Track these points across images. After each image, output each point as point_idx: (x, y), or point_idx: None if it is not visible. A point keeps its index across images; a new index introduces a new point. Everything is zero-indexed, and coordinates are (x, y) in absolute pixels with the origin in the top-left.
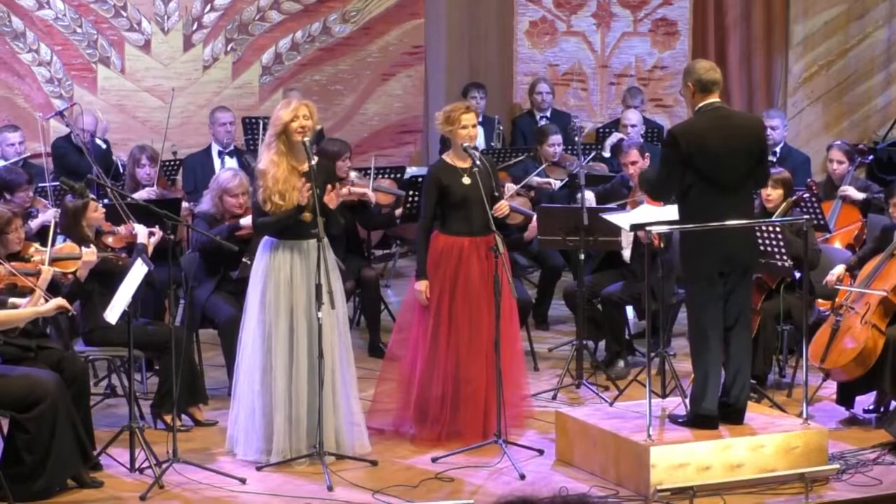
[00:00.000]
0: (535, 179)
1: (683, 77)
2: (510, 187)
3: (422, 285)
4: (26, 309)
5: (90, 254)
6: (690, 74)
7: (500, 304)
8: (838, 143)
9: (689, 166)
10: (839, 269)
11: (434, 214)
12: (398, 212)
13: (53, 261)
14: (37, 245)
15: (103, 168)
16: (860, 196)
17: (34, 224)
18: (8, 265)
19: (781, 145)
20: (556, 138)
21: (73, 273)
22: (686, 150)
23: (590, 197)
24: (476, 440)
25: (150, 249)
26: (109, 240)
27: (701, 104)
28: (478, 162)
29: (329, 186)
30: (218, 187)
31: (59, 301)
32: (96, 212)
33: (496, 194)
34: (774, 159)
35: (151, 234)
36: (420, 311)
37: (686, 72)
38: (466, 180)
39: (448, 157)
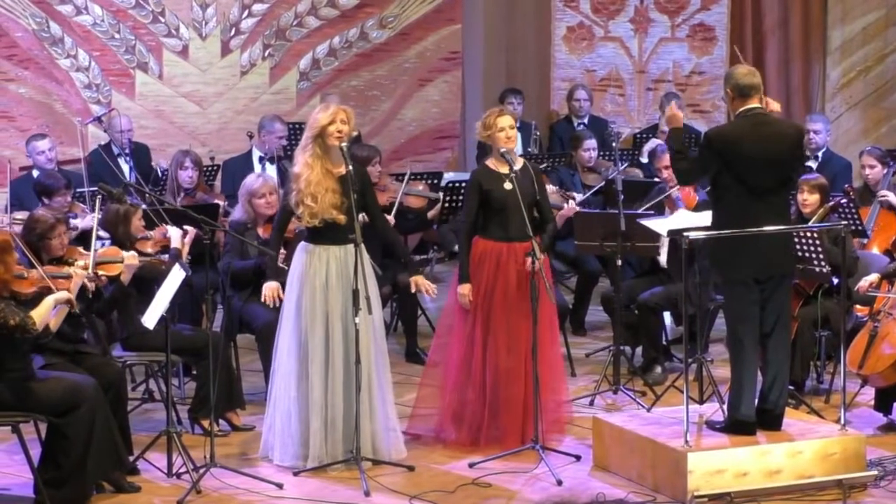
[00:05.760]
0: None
1: (724, 83)
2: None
3: (465, 289)
4: (48, 299)
5: (132, 257)
6: (729, 80)
7: (536, 309)
8: (868, 148)
9: (725, 170)
10: (873, 276)
11: (476, 219)
12: (430, 214)
13: (97, 265)
14: (81, 249)
15: (140, 173)
16: None
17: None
18: (40, 269)
19: (824, 150)
20: (591, 143)
21: (117, 277)
22: (719, 151)
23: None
24: (515, 446)
25: (186, 250)
26: (145, 246)
27: (740, 109)
28: (515, 167)
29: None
30: (245, 192)
31: (66, 294)
32: (139, 220)
33: (538, 198)
34: (816, 164)
35: (185, 233)
36: (461, 316)
37: (725, 78)
38: (508, 185)
39: (490, 163)
